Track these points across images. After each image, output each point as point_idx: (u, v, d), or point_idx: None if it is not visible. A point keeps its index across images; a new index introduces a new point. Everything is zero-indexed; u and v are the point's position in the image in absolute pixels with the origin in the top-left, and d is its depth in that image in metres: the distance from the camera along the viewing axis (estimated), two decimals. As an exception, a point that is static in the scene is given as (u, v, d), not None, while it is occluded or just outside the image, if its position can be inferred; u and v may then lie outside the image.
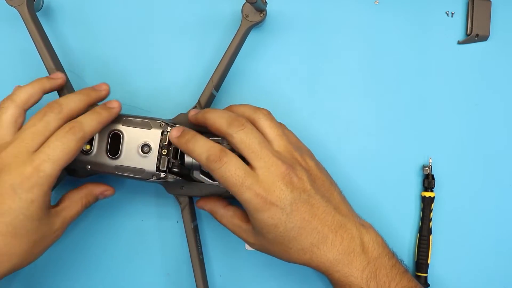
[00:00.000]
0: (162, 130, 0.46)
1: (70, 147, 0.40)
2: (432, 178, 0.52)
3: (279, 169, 0.41)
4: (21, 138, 0.41)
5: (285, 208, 0.41)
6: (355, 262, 0.42)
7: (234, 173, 0.40)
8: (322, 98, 0.54)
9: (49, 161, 0.39)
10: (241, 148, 0.42)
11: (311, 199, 0.42)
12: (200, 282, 0.49)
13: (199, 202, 0.49)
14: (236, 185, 0.40)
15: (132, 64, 0.54)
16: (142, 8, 0.54)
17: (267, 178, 0.41)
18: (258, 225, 0.42)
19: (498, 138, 0.53)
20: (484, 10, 0.53)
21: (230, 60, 0.49)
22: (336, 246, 0.42)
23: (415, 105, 0.54)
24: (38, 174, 0.39)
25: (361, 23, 0.54)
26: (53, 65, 0.48)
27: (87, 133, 0.42)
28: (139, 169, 0.46)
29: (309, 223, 0.42)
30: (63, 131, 0.41)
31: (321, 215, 0.42)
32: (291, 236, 0.41)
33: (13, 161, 0.39)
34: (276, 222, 0.41)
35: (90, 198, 0.47)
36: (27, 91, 0.44)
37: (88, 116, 0.43)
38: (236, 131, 0.42)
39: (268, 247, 0.44)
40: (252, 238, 0.45)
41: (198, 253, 0.50)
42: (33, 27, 0.48)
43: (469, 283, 0.53)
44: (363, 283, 0.42)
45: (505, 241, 0.53)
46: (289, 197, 0.41)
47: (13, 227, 0.39)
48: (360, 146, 0.53)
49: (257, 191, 0.40)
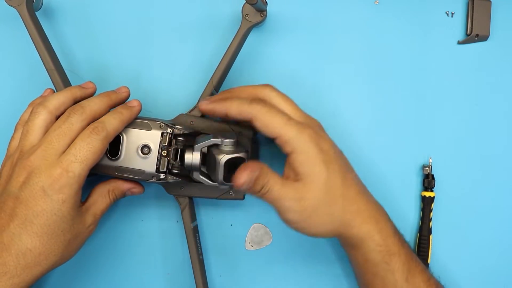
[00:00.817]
0: (162, 131, 0.46)
1: (95, 146, 0.41)
2: (432, 178, 0.52)
3: (315, 120, 0.45)
4: (48, 140, 0.41)
5: (330, 149, 0.44)
6: (388, 225, 0.45)
7: (276, 112, 0.43)
8: (322, 98, 0.54)
9: (77, 161, 0.40)
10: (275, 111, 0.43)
11: (342, 154, 0.46)
12: (200, 282, 0.49)
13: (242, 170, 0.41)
14: (281, 122, 0.42)
15: (132, 64, 0.54)
16: (142, 8, 0.54)
17: (309, 124, 0.44)
18: (308, 162, 0.42)
19: (498, 138, 0.53)
20: (484, 10, 0.53)
21: (230, 60, 0.49)
22: (372, 202, 0.45)
23: (415, 105, 0.54)
24: (68, 174, 0.40)
25: (361, 23, 0.54)
26: (52, 65, 0.48)
27: (110, 132, 0.43)
28: (139, 170, 0.46)
29: (348, 171, 0.45)
30: (87, 132, 0.42)
31: (352, 173, 0.46)
32: (339, 178, 0.43)
33: (42, 164, 0.40)
34: (326, 159, 0.42)
35: (118, 192, 0.48)
36: (60, 99, 0.44)
37: (110, 115, 0.44)
38: (258, 106, 0.43)
39: (316, 199, 0.42)
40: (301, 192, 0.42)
41: (198, 253, 0.50)
42: (32, 27, 0.48)
43: (469, 283, 0.53)
44: (396, 248, 0.44)
45: (505, 240, 0.53)
46: (329, 141, 0.45)
47: (48, 227, 0.40)
48: (360, 146, 0.53)
49: (304, 127, 0.43)
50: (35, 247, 0.40)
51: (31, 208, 0.40)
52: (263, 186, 0.42)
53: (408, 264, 0.44)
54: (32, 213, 0.40)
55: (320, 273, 0.53)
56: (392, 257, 0.43)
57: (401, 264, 0.43)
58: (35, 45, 0.48)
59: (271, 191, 0.42)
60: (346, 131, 0.53)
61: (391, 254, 0.43)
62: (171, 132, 0.46)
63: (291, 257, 0.53)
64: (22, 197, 0.40)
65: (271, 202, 0.42)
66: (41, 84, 0.52)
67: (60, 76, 0.49)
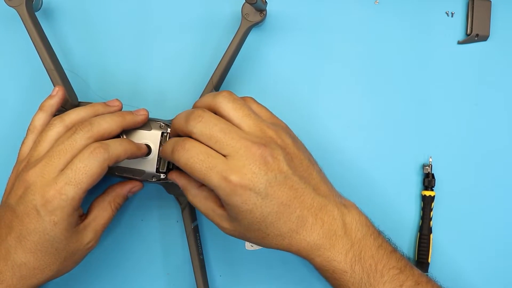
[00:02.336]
0: (162, 131, 0.46)
1: (92, 170, 0.39)
2: (432, 177, 0.52)
3: (250, 150, 0.38)
4: (49, 156, 0.40)
5: (260, 192, 0.38)
6: (337, 246, 0.40)
7: (197, 158, 0.38)
8: (322, 98, 0.54)
9: (71, 184, 0.39)
10: (205, 141, 0.39)
11: (288, 180, 0.39)
12: (201, 282, 0.49)
13: (173, 173, 0.45)
14: (201, 171, 0.38)
15: (131, 64, 0.54)
16: (142, 7, 0.54)
17: (237, 162, 0.38)
18: (232, 211, 0.39)
19: (498, 138, 0.54)
20: (484, 10, 0.53)
21: (230, 60, 0.49)
22: (316, 230, 0.40)
23: (415, 104, 0.54)
24: (60, 197, 0.39)
25: (361, 23, 0.54)
26: (52, 65, 0.48)
27: (112, 156, 0.40)
28: (139, 170, 0.46)
29: (287, 207, 0.39)
30: (87, 152, 0.40)
31: (300, 198, 0.39)
32: (268, 222, 0.39)
33: (38, 181, 0.39)
34: (251, 208, 0.38)
35: (119, 199, 0.46)
36: (80, 114, 0.43)
37: (117, 141, 0.42)
38: (194, 125, 0.39)
39: (244, 233, 0.41)
40: (227, 224, 0.42)
41: (198, 253, 0.50)
42: (32, 28, 0.48)
43: (469, 282, 0.53)
44: (347, 267, 0.40)
45: (505, 240, 0.53)
46: (264, 180, 0.38)
47: (41, 245, 0.40)
48: (360, 146, 0.53)
49: (225, 175, 0.37)
50: (29, 262, 0.40)
51: (25, 225, 0.39)
52: (189, 199, 0.44)
53: (368, 277, 0.40)
54: (26, 229, 0.39)
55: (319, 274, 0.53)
56: (342, 275, 0.40)
57: (356, 280, 0.40)
58: (35, 45, 0.48)
59: (196, 207, 0.43)
60: (346, 131, 0.53)
61: (340, 273, 0.40)
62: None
63: (290, 257, 0.53)
64: (18, 212, 0.40)
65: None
66: (41, 84, 0.52)
67: (59, 76, 0.49)
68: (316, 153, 0.48)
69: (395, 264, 0.41)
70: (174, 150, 0.39)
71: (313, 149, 0.48)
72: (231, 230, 0.42)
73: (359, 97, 0.54)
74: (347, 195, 0.47)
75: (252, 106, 0.44)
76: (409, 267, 0.42)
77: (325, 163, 0.47)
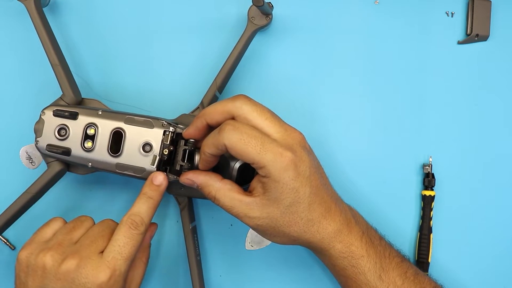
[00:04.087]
0: (164, 130, 0.46)
1: (138, 241, 0.41)
2: (432, 177, 0.52)
3: (293, 134, 0.41)
4: (81, 243, 0.41)
5: (305, 172, 0.40)
6: (353, 231, 0.43)
7: (250, 134, 0.39)
8: (323, 98, 0.54)
9: (122, 259, 0.40)
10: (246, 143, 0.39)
11: (319, 168, 0.43)
12: (197, 282, 0.49)
13: (188, 174, 0.44)
14: (256, 147, 0.38)
15: (136, 63, 0.54)
16: (148, 7, 0.54)
17: (286, 142, 0.40)
18: (277, 190, 0.40)
19: (497, 137, 0.54)
20: (484, 10, 0.53)
21: (235, 62, 0.49)
22: (337, 216, 0.42)
23: (415, 104, 0.54)
24: (115, 273, 0.40)
25: (361, 23, 0.54)
26: (57, 60, 0.48)
27: (147, 223, 0.42)
28: (140, 168, 0.46)
29: (320, 190, 0.41)
30: (126, 227, 0.41)
31: (325, 185, 0.42)
32: (306, 203, 0.40)
33: (88, 264, 0.39)
34: (298, 185, 0.40)
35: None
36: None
37: (143, 205, 0.43)
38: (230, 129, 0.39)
39: (276, 220, 0.41)
40: (258, 211, 0.41)
41: (196, 254, 0.49)
42: (39, 22, 0.48)
43: (469, 281, 0.53)
44: (363, 251, 0.43)
45: (506, 239, 0.53)
46: (307, 160, 0.40)
47: None
48: (360, 146, 0.53)
49: (280, 151, 0.39)
50: None
51: None
52: (211, 196, 0.42)
53: (380, 262, 0.43)
54: None
55: (319, 274, 0.53)
56: (360, 260, 0.43)
57: (371, 265, 0.43)
58: (41, 40, 0.48)
59: (220, 202, 0.42)
60: (346, 130, 0.54)
61: (358, 258, 0.43)
62: (173, 131, 0.46)
63: (290, 257, 0.53)
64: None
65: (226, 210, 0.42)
66: (45, 78, 0.52)
67: (64, 72, 0.48)
68: (317, 152, 0.48)
69: (396, 254, 0.45)
70: (223, 130, 0.39)
71: (315, 148, 0.48)
72: (260, 219, 0.41)
73: (359, 97, 0.54)
74: (347, 195, 0.47)
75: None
76: (406, 258, 0.46)
77: (326, 162, 0.47)
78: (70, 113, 0.46)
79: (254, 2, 0.45)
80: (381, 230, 0.46)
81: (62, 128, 0.46)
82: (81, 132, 0.46)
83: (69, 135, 0.46)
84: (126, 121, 0.46)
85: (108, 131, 0.46)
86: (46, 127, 0.46)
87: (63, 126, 0.46)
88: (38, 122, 0.47)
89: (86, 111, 0.46)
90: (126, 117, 0.46)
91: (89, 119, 0.46)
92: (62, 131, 0.46)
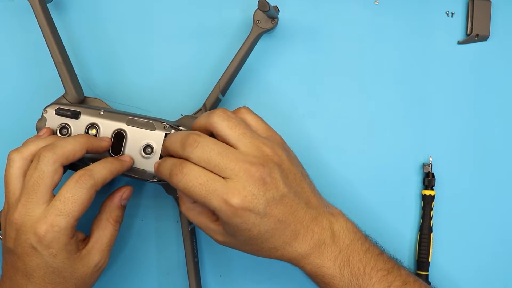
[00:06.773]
0: (165, 132, 0.46)
1: (81, 197, 0.40)
2: (432, 177, 0.52)
3: (249, 172, 0.38)
4: (26, 194, 0.41)
5: (259, 213, 0.39)
6: (326, 253, 0.42)
7: (196, 181, 0.38)
8: (324, 98, 0.54)
9: (62, 215, 0.39)
10: (203, 165, 0.39)
11: (284, 198, 0.40)
12: (194, 284, 0.49)
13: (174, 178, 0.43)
14: (201, 194, 0.38)
15: (139, 64, 0.54)
16: (154, 9, 0.54)
17: (237, 184, 0.38)
18: (230, 229, 0.40)
19: (497, 137, 0.54)
20: (484, 10, 0.53)
21: (239, 65, 0.49)
22: (307, 240, 0.41)
23: (415, 104, 0.54)
24: (53, 229, 0.39)
25: (361, 23, 0.54)
26: (61, 58, 0.48)
27: (98, 181, 0.41)
28: (141, 169, 0.46)
29: (282, 223, 0.40)
30: (72, 181, 0.40)
31: (294, 213, 0.41)
32: (264, 238, 0.40)
33: (26, 220, 0.40)
34: (250, 227, 0.39)
35: (115, 213, 0.45)
36: (70, 148, 0.42)
37: (99, 164, 0.43)
38: (191, 151, 0.39)
39: (238, 246, 0.43)
40: (221, 238, 0.42)
41: (194, 256, 0.50)
42: (43, 19, 0.48)
43: (470, 281, 0.53)
44: (336, 272, 0.42)
45: (506, 238, 0.53)
46: (263, 200, 0.39)
47: (48, 278, 0.41)
48: (360, 145, 0.53)
49: (226, 198, 0.38)
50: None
51: (27, 263, 0.40)
52: (181, 210, 0.43)
53: (357, 281, 0.42)
54: (30, 267, 0.40)
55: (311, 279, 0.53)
56: (332, 280, 0.42)
57: (345, 284, 0.42)
58: (45, 37, 0.48)
59: (189, 219, 0.43)
60: (346, 130, 0.54)
61: (330, 278, 0.42)
62: None
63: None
64: (17, 253, 0.40)
65: None
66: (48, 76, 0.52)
67: (67, 70, 0.48)
68: (317, 152, 0.48)
69: (383, 266, 0.43)
70: (172, 174, 0.39)
71: (314, 148, 0.48)
72: (225, 242, 0.43)
73: (359, 97, 0.54)
74: (347, 195, 0.47)
75: (247, 118, 0.44)
76: (396, 267, 0.44)
77: (326, 162, 0.48)
78: (72, 113, 0.46)
79: (260, 7, 0.45)
80: (381, 230, 0.46)
81: (64, 127, 0.47)
82: (82, 132, 0.46)
83: (71, 134, 0.46)
84: (128, 122, 0.46)
85: (109, 132, 0.46)
86: (48, 126, 0.47)
87: (65, 125, 0.46)
88: (40, 120, 0.47)
89: (88, 111, 0.46)
90: (128, 118, 0.46)
91: (91, 119, 0.46)
92: (63, 130, 0.47)
